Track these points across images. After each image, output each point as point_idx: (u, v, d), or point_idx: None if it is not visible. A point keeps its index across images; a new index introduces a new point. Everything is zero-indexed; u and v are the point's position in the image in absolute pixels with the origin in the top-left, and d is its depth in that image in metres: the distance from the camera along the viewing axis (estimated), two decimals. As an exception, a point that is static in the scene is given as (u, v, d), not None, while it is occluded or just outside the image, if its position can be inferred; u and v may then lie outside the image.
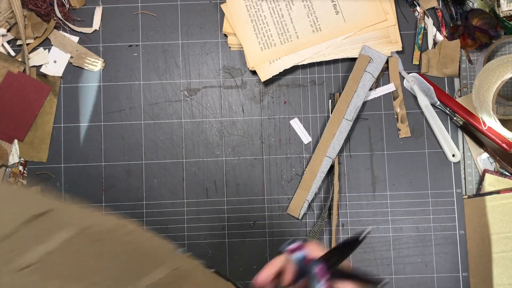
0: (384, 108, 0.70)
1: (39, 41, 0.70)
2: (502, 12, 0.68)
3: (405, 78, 0.70)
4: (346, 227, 0.69)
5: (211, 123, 0.71)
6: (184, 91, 0.71)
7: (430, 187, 0.69)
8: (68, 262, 0.41)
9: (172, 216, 0.69)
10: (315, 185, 0.68)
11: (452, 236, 0.69)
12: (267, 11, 0.70)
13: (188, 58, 0.71)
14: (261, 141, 0.70)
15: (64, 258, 0.41)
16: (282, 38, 0.70)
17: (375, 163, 0.70)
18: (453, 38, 0.70)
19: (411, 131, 0.70)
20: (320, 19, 0.70)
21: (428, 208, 0.69)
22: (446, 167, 0.70)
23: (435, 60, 0.71)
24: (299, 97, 0.71)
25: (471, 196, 0.69)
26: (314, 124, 0.71)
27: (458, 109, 0.69)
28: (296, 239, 0.47)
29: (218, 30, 0.72)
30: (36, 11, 0.70)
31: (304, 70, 0.71)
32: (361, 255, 0.69)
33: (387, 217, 0.69)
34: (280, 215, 0.69)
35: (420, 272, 0.68)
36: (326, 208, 0.68)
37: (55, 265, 0.40)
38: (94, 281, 0.44)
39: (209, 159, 0.70)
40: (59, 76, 0.71)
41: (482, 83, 0.63)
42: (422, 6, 0.71)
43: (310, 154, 0.70)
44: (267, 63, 0.69)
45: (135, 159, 0.70)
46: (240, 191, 0.70)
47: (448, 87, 0.71)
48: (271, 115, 0.71)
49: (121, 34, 0.71)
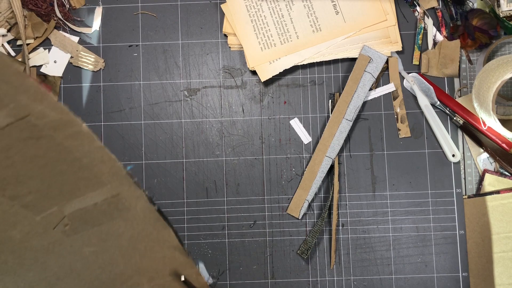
0: (384, 108, 0.70)
1: (39, 41, 0.71)
2: (502, 12, 0.68)
3: (405, 78, 0.70)
4: (346, 227, 0.69)
5: (211, 123, 0.71)
6: (184, 91, 0.71)
7: (430, 187, 0.69)
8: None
9: (172, 216, 0.69)
10: (315, 185, 0.68)
11: (452, 236, 0.69)
12: (267, 11, 0.70)
13: (188, 58, 0.71)
14: (261, 141, 0.70)
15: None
16: (282, 38, 0.70)
17: (375, 163, 0.70)
18: (453, 38, 0.70)
19: (411, 131, 0.70)
20: (320, 19, 0.70)
21: (428, 208, 0.69)
22: (446, 167, 0.70)
23: (435, 60, 0.71)
24: (299, 97, 0.71)
25: (471, 196, 0.69)
26: (314, 124, 0.71)
27: (458, 109, 0.70)
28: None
29: (218, 30, 0.72)
30: (36, 11, 0.70)
31: (304, 70, 0.71)
32: (361, 255, 0.69)
33: (387, 217, 0.69)
34: (280, 215, 0.69)
35: (420, 272, 0.68)
36: (326, 208, 0.68)
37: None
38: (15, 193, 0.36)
39: (209, 159, 0.70)
40: (59, 76, 0.71)
41: (482, 83, 0.63)
42: (422, 6, 0.71)
43: (310, 154, 0.70)
44: (267, 63, 0.69)
45: (135, 159, 0.70)
46: (240, 191, 0.70)
47: (448, 87, 0.71)
48: (271, 115, 0.71)
49: (121, 34, 0.71)
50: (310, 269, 0.69)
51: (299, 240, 0.69)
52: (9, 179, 0.35)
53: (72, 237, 0.43)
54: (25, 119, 0.31)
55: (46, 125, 0.33)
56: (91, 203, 0.41)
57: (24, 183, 0.36)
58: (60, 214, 0.41)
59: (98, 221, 0.43)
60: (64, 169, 0.36)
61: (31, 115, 0.31)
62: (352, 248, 0.69)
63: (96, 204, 0.41)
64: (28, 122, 0.32)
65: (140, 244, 0.49)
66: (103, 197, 0.41)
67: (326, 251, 0.69)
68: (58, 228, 0.41)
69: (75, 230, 0.43)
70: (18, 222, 0.39)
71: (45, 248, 0.42)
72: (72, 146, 0.35)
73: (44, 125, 0.33)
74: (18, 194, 0.36)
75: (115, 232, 0.45)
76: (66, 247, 0.44)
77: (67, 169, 0.37)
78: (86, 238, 0.44)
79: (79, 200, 0.40)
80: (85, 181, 0.39)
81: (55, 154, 0.35)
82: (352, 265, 0.69)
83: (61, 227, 0.41)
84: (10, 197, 0.36)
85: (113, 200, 0.42)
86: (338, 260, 0.69)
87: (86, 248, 0.45)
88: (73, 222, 0.42)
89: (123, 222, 0.45)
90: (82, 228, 0.43)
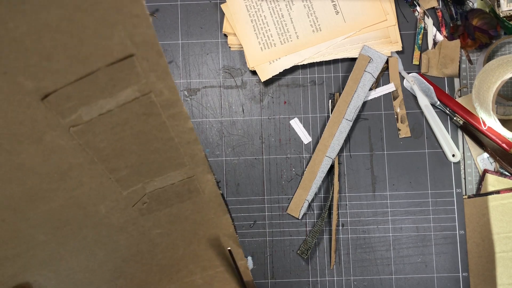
0: (384, 108, 0.70)
1: (39, 41, 0.70)
2: (502, 12, 0.68)
3: (405, 78, 0.70)
4: (346, 227, 0.69)
5: (211, 123, 0.71)
6: (184, 91, 0.71)
7: (430, 187, 0.69)
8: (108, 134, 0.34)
9: (172, 216, 0.69)
10: (315, 185, 0.68)
11: (452, 236, 0.69)
12: (267, 11, 0.70)
13: (188, 58, 0.71)
14: (261, 141, 0.70)
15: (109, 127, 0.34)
16: (282, 38, 0.70)
17: (375, 163, 0.70)
18: (453, 38, 0.70)
19: (411, 131, 0.70)
20: (320, 19, 0.70)
21: (428, 208, 0.69)
22: (446, 167, 0.70)
23: (435, 60, 0.71)
24: (299, 97, 0.71)
25: (471, 196, 0.69)
26: (314, 124, 0.71)
27: (458, 109, 0.69)
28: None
29: (218, 30, 0.72)
30: (36, 11, 0.70)
31: (304, 70, 0.71)
32: (361, 255, 0.69)
33: (387, 217, 0.69)
34: (280, 215, 0.69)
35: (420, 272, 0.68)
36: (326, 208, 0.68)
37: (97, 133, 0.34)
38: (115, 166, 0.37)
39: (209, 159, 0.70)
40: (59, 76, 0.71)
41: (482, 83, 0.63)
42: (422, 6, 0.71)
43: (310, 154, 0.70)
44: (267, 63, 0.69)
45: (135, 159, 0.70)
46: (240, 191, 0.70)
47: (448, 87, 0.71)
48: (271, 115, 0.71)
49: (121, 34, 0.71)
50: (310, 269, 0.69)
51: (299, 240, 0.69)
52: (115, 152, 0.36)
53: (145, 217, 0.44)
54: (147, 95, 0.33)
55: (160, 103, 0.34)
56: (169, 183, 0.41)
57: (125, 157, 0.37)
58: (142, 192, 0.41)
59: (170, 201, 0.44)
60: (159, 147, 0.37)
61: (152, 92, 0.33)
62: (352, 248, 0.69)
63: (174, 184, 0.42)
64: (149, 99, 0.33)
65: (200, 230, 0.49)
66: (181, 177, 0.41)
67: (326, 251, 0.69)
68: (136, 206, 0.42)
69: (150, 209, 0.43)
70: (108, 196, 0.40)
71: (120, 226, 0.43)
72: (171, 125, 0.36)
73: (158, 103, 0.34)
74: (117, 168, 0.37)
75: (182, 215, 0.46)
76: (138, 226, 0.44)
77: (160, 147, 0.38)
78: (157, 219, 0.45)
79: (160, 179, 0.41)
80: (171, 161, 0.40)
81: (156, 131, 0.36)
82: (352, 265, 0.69)
83: (140, 205, 0.42)
84: (110, 170, 0.37)
85: (187, 181, 0.42)
86: (338, 260, 0.69)
87: (155, 230, 0.46)
88: (151, 201, 0.42)
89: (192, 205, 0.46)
90: (156, 208, 0.44)
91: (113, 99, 0.32)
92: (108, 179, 0.38)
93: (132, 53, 0.30)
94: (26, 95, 0.29)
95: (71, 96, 0.30)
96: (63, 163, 0.35)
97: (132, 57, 0.31)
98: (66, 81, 0.30)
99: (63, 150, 0.34)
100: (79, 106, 0.31)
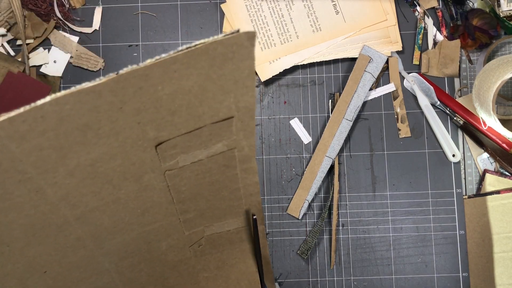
0: (384, 108, 0.70)
1: (39, 41, 0.70)
2: (502, 12, 0.68)
3: (405, 78, 0.70)
4: (346, 227, 0.69)
5: (211, 123, 0.71)
6: (184, 91, 0.71)
7: (430, 187, 0.69)
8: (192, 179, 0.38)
9: (172, 216, 0.69)
10: (315, 185, 0.68)
11: (452, 236, 0.69)
12: (267, 11, 0.70)
13: (188, 58, 0.71)
14: (261, 141, 0.70)
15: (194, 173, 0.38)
16: (282, 38, 0.70)
17: (375, 163, 0.70)
18: (453, 38, 0.70)
19: (411, 131, 0.70)
20: (320, 19, 0.70)
21: (428, 208, 0.69)
22: (446, 167, 0.70)
23: (435, 60, 0.71)
24: (299, 97, 0.71)
25: (471, 196, 0.69)
26: (314, 124, 0.71)
27: (458, 109, 0.69)
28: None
29: (218, 30, 0.72)
30: (36, 11, 0.70)
31: (304, 70, 0.71)
32: (361, 255, 0.69)
33: (387, 217, 0.69)
34: (280, 215, 0.69)
35: (420, 272, 0.68)
36: (326, 208, 0.68)
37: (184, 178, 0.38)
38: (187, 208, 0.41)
39: (209, 159, 0.70)
40: (59, 76, 0.71)
41: (482, 83, 0.63)
42: (422, 6, 0.71)
43: (310, 154, 0.70)
44: (267, 63, 0.69)
45: (135, 159, 0.70)
46: (240, 191, 0.70)
47: (448, 87, 0.71)
48: (271, 115, 0.71)
49: (121, 34, 0.71)
50: (310, 269, 0.69)
51: (299, 240, 0.69)
52: (191, 195, 0.40)
53: (198, 259, 0.47)
54: (232, 150, 0.38)
55: (238, 158, 0.39)
56: (226, 229, 0.46)
57: (196, 201, 0.41)
58: (202, 234, 0.46)
59: (222, 247, 0.48)
60: (225, 195, 0.42)
61: (236, 148, 0.38)
62: (352, 248, 0.69)
63: (229, 231, 0.46)
64: (232, 153, 0.38)
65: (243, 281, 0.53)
66: (237, 225, 0.46)
67: (326, 251, 0.69)
68: (193, 247, 0.45)
69: (203, 252, 0.47)
70: (171, 235, 0.44)
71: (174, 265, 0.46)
72: (241, 177, 0.41)
73: (238, 157, 0.39)
74: (188, 210, 0.42)
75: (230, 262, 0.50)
76: (189, 267, 0.48)
77: (227, 196, 0.42)
78: (206, 262, 0.48)
79: (219, 224, 0.45)
80: (232, 209, 0.44)
81: (228, 181, 0.41)
82: (352, 265, 0.69)
83: (196, 246, 0.47)
84: (182, 211, 0.41)
85: (241, 230, 0.47)
86: (338, 260, 0.69)
87: (202, 273, 0.49)
88: (206, 244, 0.46)
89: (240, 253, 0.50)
90: (209, 251, 0.49)
91: (206, 150, 0.36)
92: (177, 219, 0.42)
93: (233, 115, 0.35)
94: (146, 142, 0.33)
95: (177, 145, 0.35)
96: (148, 201, 0.39)
97: (232, 118, 0.35)
98: (179, 133, 0.34)
99: (153, 190, 0.38)
100: (180, 154, 0.36)
